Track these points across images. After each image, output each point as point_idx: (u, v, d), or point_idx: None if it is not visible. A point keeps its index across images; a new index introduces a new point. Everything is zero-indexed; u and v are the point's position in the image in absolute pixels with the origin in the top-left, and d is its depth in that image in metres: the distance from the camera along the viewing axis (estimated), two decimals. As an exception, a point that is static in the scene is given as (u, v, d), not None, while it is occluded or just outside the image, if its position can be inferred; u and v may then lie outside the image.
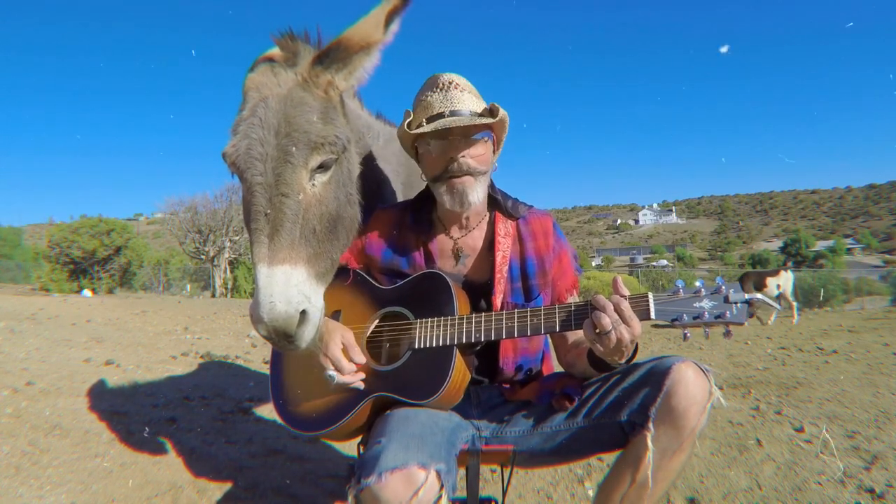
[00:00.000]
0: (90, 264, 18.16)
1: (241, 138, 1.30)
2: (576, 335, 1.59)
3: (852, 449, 2.74)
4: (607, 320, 1.27)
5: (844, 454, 2.68)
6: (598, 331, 1.29)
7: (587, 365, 1.46)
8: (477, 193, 1.55)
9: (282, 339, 1.24)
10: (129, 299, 11.52)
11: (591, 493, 2.47)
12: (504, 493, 1.61)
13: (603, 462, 2.61)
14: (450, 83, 1.57)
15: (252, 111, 1.31)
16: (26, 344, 4.24)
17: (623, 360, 1.37)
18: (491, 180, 1.65)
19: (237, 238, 22.80)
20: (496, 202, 1.66)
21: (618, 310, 1.28)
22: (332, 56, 1.36)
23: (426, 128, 1.51)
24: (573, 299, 1.67)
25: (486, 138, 1.57)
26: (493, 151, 1.63)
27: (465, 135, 1.53)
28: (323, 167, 1.35)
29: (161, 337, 5.76)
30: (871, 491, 2.29)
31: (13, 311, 6.25)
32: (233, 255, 22.73)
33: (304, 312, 1.24)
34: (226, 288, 21.94)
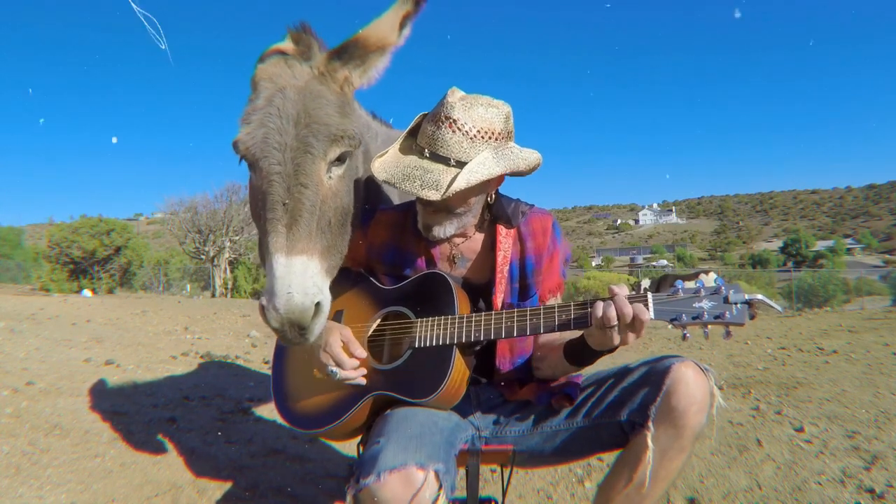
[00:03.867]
0: (90, 264, 18.16)
1: (257, 127, 1.29)
2: (548, 336, 1.57)
3: (852, 449, 2.73)
4: (613, 312, 1.28)
5: (844, 454, 2.68)
6: (604, 322, 1.29)
7: (561, 358, 1.46)
8: (444, 229, 1.53)
9: (294, 330, 1.23)
10: (129, 299, 11.52)
11: (591, 493, 2.47)
12: (504, 493, 1.61)
13: (603, 462, 2.61)
14: (446, 118, 1.44)
15: (268, 101, 1.30)
16: (26, 344, 4.23)
17: (606, 351, 1.38)
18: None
19: (237, 238, 22.78)
20: (494, 212, 1.62)
21: (623, 312, 1.28)
22: (350, 52, 1.37)
23: (381, 173, 1.47)
24: (555, 300, 1.65)
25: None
26: (495, 182, 1.56)
27: None
28: (339, 160, 1.35)
29: (161, 337, 5.76)
30: (871, 491, 2.29)
31: (13, 311, 6.24)
32: (233, 255, 22.70)
33: (318, 304, 1.24)
34: (226, 288, 21.91)
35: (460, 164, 1.43)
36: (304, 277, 1.22)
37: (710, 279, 1.33)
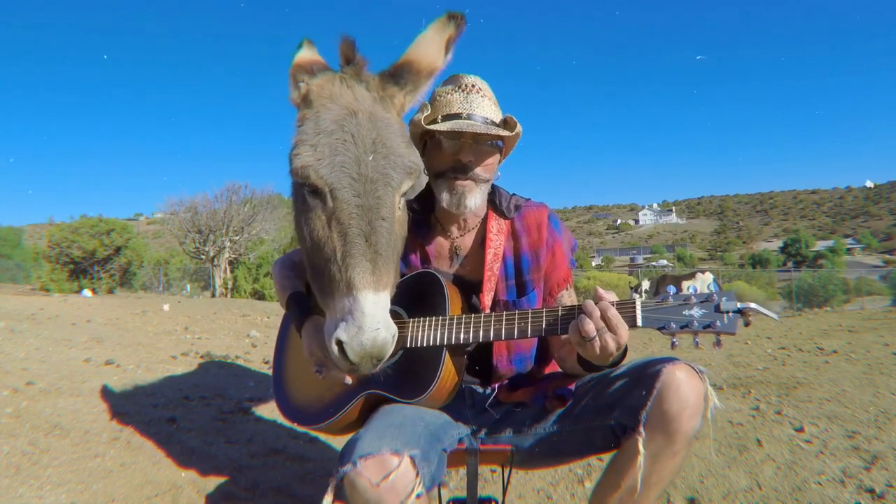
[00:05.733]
0: (90, 264, 18.17)
1: (331, 153, 1.22)
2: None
3: (852, 449, 2.73)
4: (591, 327, 1.25)
5: (844, 454, 2.68)
6: (582, 335, 1.27)
7: (576, 363, 1.45)
8: (475, 199, 1.56)
9: (370, 363, 1.20)
10: (129, 299, 11.52)
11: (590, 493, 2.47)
12: (504, 492, 1.61)
13: (602, 462, 2.60)
14: (472, 86, 1.58)
15: (338, 125, 1.24)
16: (26, 344, 4.23)
17: (608, 364, 1.35)
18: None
19: (237, 238, 22.77)
20: (491, 202, 1.66)
21: (604, 317, 1.26)
22: (406, 77, 1.36)
23: (442, 125, 1.50)
24: (566, 293, 1.67)
25: (497, 147, 1.58)
26: (499, 161, 1.65)
27: (478, 141, 1.54)
28: (406, 193, 1.33)
29: (161, 337, 5.76)
30: (871, 491, 2.29)
31: (13, 311, 6.24)
32: (233, 255, 22.69)
33: (394, 335, 1.22)
34: (226, 288, 21.89)
35: (493, 124, 1.56)
36: (386, 312, 1.19)
37: (706, 279, 1.31)
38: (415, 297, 1.52)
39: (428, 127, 1.52)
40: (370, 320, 1.15)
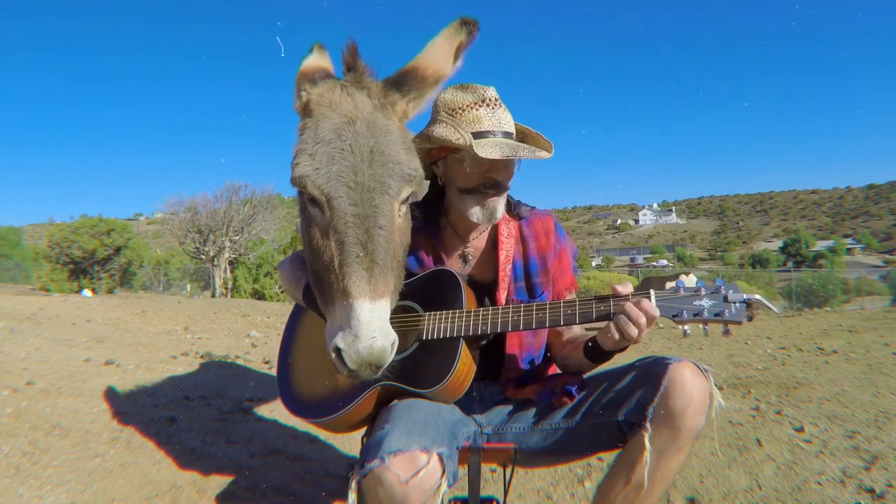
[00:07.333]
0: (90, 264, 18.16)
1: (328, 163, 1.22)
2: (571, 331, 1.63)
3: (852, 449, 2.74)
4: (638, 313, 1.31)
5: (844, 454, 2.68)
6: (633, 320, 1.33)
7: (582, 357, 1.49)
8: (502, 208, 1.61)
9: (369, 370, 1.21)
10: (129, 299, 11.51)
11: (591, 492, 2.47)
12: (506, 492, 1.61)
13: (603, 462, 2.61)
14: (495, 99, 1.58)
15: (336, 134, 1.24)
16: (26, 344, 4.23)
17: (616, 351, 1.42)
18: None
19: (237, 238, 22.77)
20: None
21: (643, 309, 1.32)
22: (410, 84, 1.35)
23: (486, 148, 1.48)
24: (570, 296, 1.72)
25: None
26: None
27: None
28: (408, 199, 1.33)
29: (161, 337, 5.75)
30: (871, 491, 2.29)
31: (13, 311, 6.23)
32: (233, 255, 22.68)
33: (393, 343, 1.23)
34: (226, 288, 21.88)
35: (518, 137, 1.61)
36: (383, 321, 1.20)
37: (690, 280, 1.37)
38: (431, 293, 1.54)
39: (476, 153, 1.47)
40: (366, 329, 1.16)
